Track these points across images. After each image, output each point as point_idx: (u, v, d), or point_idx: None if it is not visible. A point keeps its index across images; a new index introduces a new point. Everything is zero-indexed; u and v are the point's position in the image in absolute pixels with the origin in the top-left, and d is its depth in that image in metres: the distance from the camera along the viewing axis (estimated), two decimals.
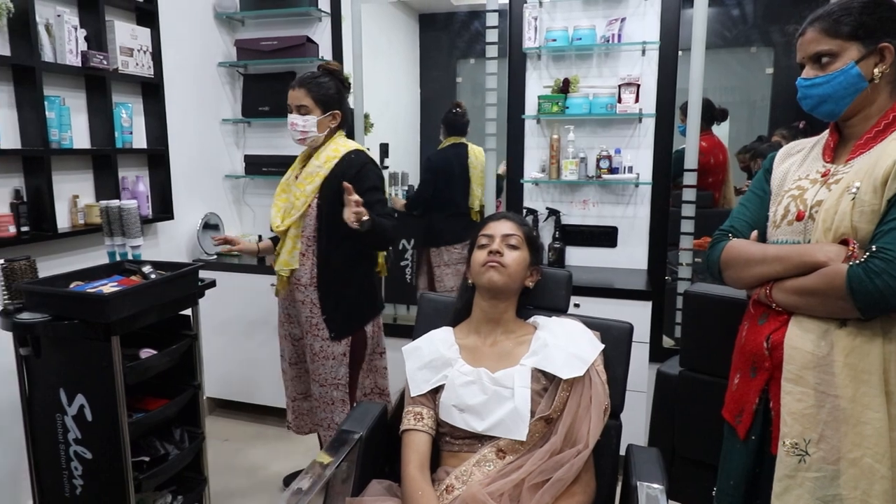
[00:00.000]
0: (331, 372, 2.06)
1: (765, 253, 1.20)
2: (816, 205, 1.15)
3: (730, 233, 1.32)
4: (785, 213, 1.21)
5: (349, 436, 1.44)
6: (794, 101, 1.25)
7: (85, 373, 1.73)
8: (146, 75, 2.58)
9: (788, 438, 1.14)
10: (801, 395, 1.12)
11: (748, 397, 1.24)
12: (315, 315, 2.04)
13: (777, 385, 1.16)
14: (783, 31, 3.20)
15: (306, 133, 2.01)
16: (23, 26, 2.07)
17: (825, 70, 1.16)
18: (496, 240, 1.49)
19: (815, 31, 1.17)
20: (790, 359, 1.14)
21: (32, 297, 1.72)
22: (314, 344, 2.06)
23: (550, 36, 2.67)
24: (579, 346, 1.42)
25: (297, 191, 2.01)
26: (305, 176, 2.01)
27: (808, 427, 1.12)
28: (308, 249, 2.03)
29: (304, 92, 2.00)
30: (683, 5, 2.59)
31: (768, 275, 1.19)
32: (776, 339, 1.17)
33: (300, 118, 2.00)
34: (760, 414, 1.22)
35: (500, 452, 1.35)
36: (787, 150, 1.33)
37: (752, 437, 1.24)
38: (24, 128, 2.15)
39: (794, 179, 1.24)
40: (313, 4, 2.97)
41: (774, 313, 1.20)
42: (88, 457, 1.77)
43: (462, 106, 3.22)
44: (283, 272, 2.05)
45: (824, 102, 1.17)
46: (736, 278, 1.28)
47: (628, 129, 2.72)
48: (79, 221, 2.36)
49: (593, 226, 2.82)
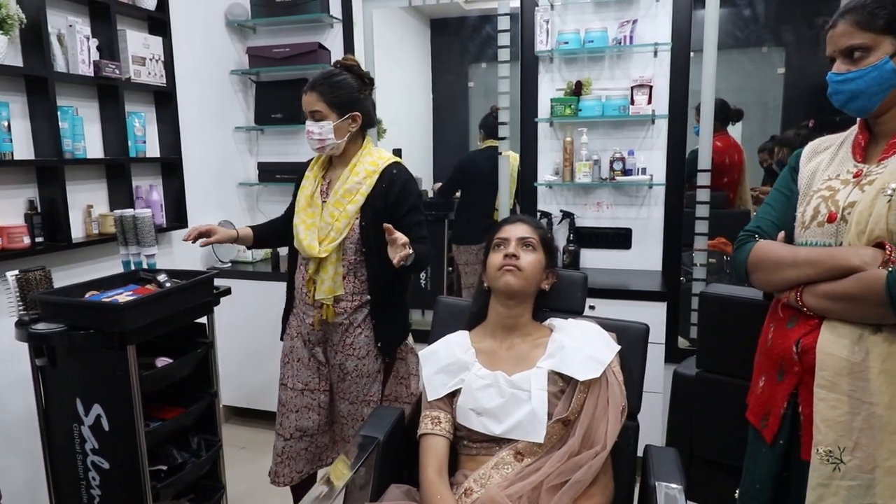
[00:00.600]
0: (363, 389, 1.89)
1: (795, 256, 1.17)
2: (849, 206, 1.12)
3: (756, 233, 1.29)
4: (815, 213, 1.18)
5: (367, 441, 1.43)
6: (805, 101, 1.23)
7: (101, 382, 1.73)
8: (159, 84, 2.60)
9: (822, 446, 1.11)
10: (834, 401, 1.09)
11: (775, 401, 1.21)
12: (354, 338, 1.87)
13: (807, 390, 1.14)
14: (811, 24, 3.17)
15: (324, 141, 1.81)
16: (35, 37, 2.09)
17: (858, 65, 1.12)
18: (512, 243, 1.48)
19: (848, 24, 1.13)
20: (823, 365, 1.10)
21: (48, 307, 1.72)
22: (346, 363, 1.89)
23: (562, 39, 2.66)
24: (595, 348, 1.41)
25: (334, 211, 1.82)
26: (344, 193, 1.82)
27: (842, 435, 1.09)
28: (349, 272, 1.85)
29: (316, 96, 1.80)
30: (695, 6, 2.58)
31: (799, 279, 1.16)
32: (807, 343, 1.14)
33: (315, 125, 1.80)
34: (789, 419, 1.19)
35: (519, 455, 1.34)
36: (813, 148, 1.29)
37: (779, 441, 1.21)
38: (37, 138, 2.17)
39: (824, 179, 1.21)
40: (325, 11, 2.98)
41: (804, 317, 1.17)
42: (106, 467, 1.77)
43: (499, 109, 3.21)
44: (327, 300, 1.84)
45: (856, 98, 1.14)
46: (765, 281, 1.24)
47: (641, 130, 2.70)
48: (93, 231, 2.37)
49: (607, 228, 2.80)
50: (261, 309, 2.87)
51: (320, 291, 1.84)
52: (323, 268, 1.84)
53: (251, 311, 2.88)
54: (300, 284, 1.92)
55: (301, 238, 1.84)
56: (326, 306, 1.85)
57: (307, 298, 1.89)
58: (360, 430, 1.49)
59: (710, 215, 2.65)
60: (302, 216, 1.87)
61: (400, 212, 1.81)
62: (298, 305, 1.94)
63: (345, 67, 1.88)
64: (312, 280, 1.86)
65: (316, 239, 1.83)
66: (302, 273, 1.91)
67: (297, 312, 1.95)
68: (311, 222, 1.85)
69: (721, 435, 1.56)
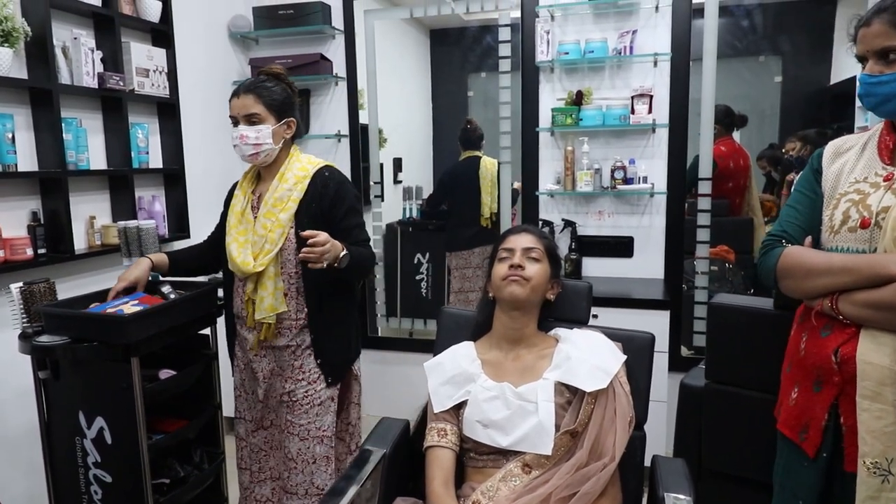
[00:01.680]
0: (314, 422, 1.78)
1: (830, 263, 1.14)
2: (883, 211, 1.09)
3: (783, 238, 1.25)
4: (845, 218, 1.15)
5: (373, 454, 1.43)
6: (802, 109, 1.22)
7: (104, 395, 1.72)
8: (162, 95, 2.61)
9: (869, 458, 1.08)
10: (879, 412, 1.07)
11: (814, 413, 1.17)
12: (303, 361, 1.78)
13: (848, 400, 1.10)
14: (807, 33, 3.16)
15: (259, 146, 1.70)
16: (40, 49, 2.09)
17: (893, 67, 1.09)
18: (517, 253, 1.48)
19: (883, 24, 1.09)
20: (865, 374, 1.07)
21: (52, 319, 1.71)
22: (296, 391, 1.78)
23: (563, 49, 2.68)
24: (602, 358, 1.41)
25: (266, 222, 1.72)
26: (275, 202, 1.72)
27: (889, 445, 1.06)
28: (291, 287, 1.75)
29: (254, 98, 1.70)
30: (694, 16, 2.60)
31: (835, 286, 1.12)
32: (846, 352, 1.10)
33: (251, 129, 1.70)
34: (831, 431, 1.15)
35: (526, 467, 1.33)
36: (835, 149, 1.26)
37: (822, 454, 1.17)
38: (41, 150, 2.17)
39: (851, 182, 1.18)
40: (327, 22, 2.99)
41: (840, 325, 1.13)
42: (108, 480, 1.75)
43: (473, 121, 3.26)
44: (269, 319, 1.73)
45: (890, 101, 1.11)
46: (795, 288, 1.21)
47: (642, 139, 2.71)
48: (95, 242, 2.37)
49: (609, 236, 2.80)
50: None
51: (260, 310, 1.73)
52: (261, 284, 1.72)
53: None
54: (239, 308, 1.82)
55: (234, 256, 1.74)
56: (266, 325, 1.74)
57: (247, 321, 1.79)
58: (363, 444, 1.48)
59: (712, 223, 2.66)
60: (233, 234, 1.77)
61: (336, 216, 1.74)
62: (240, 333, 1.85)
63: (274, 76, 1.78)
64: (251, 300, 1.75)
65: (250, 254, 1.72)
66: (240, 296, 1.81)
67: (240, 340, 1.86)
68: (243, 239, 1.74)
69: (732, 447, 1.55)
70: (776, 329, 1.37)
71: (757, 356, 1.40)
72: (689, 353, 2.76)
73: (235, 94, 1.74)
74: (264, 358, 1.82)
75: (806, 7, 3.32)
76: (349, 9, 3.03)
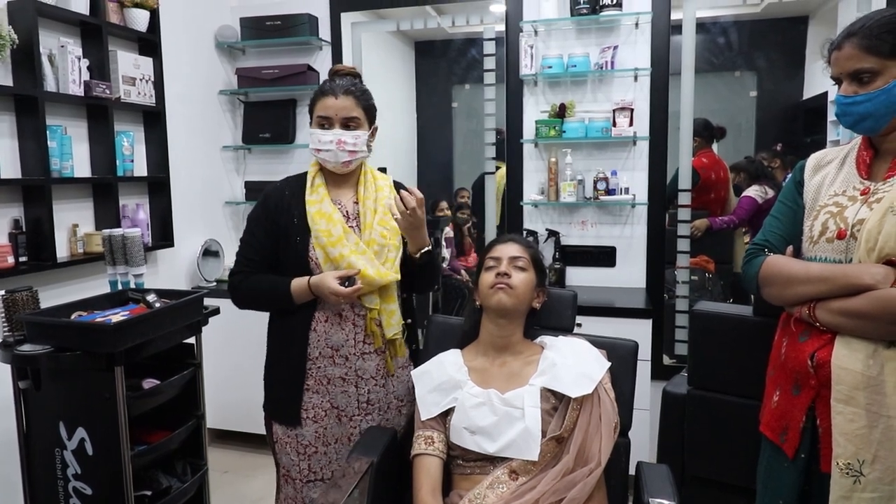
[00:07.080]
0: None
1: (808, 272, 1.19)
2: (858, 223, 1.14)
3: (765, 247, 1.30)
4: (823, 229, 1.19)
5: (361, 463, 1.43)
6: (776, 123, 1.26)
7: (86, 405, 1.70)
8: (148, 104, 2.60)
9: (842, 459, 1.12)
10: (852, 415, 1.11)
11: (793, 415, 1.21)
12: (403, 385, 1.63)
13: (824, 403, 1.15)
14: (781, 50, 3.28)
15: (355, 154, 1.53)
16: (27, 57, 2.08)
17: (866, 88, 1.14)
18: (503, 262, 1.50)
19: (854, 48, 1.15)
20: (839, 379, 1.12)
21: (34, 328, 1.69)
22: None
23: (546, 63, 2.72)
24: (587, 365, 1.43)
25: (382, 229, 1.56)
26: (386, 209, 1.57)
27: (861, 447, 1.10)
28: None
29: (354, 101, 1.53)
30: (672, 33, 2.67)
31: (812, 294, 1.17)
32: (822, 357, 1.15)
33: (349, 134, 1.52)
34: (808, 432, 1.19)
35: (513, 474, 1.34)
36: (816, 162, 1.31)
37: (801, 455, 1.21)
38: (24, 157, 2.15)
39: (830, 194, 1.23)
40: (314, 34, 3.01)
41: (817, 331, 1.18)
42: (88, 492, 1.72)
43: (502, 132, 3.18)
44: (398, 335, 1.59)
45: (865, 120, 1.16)
46: (776, 296, 1.26)
47: (623, 151, 2.77)
48: (78, 251, 2.35)
49: (592, 246, 2.84)
50: (244, 329, 2.84)
51: (390, 326, 1.56)
52: (388, 297, 1.56)
53: (233, 330, 2.85)
54: (349, 336, 1.55)
55: (365, 270, 1.50)
56: (399, 343, 1.60)
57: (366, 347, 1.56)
58: (351, 451, 1.48)
59: (692, 233, 2.72)
60: (349, 247, 1.51)
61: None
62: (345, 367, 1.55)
63: (357, 76, 1.62)
64: (375, 319, 1.56)
65: (378, 265, 1.54)
66: (352, 319, 1.56)
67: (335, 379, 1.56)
68: (353, 247, 1.52)
69: (715, 453, 1.57)
70: (756, 335, 1.40)
71: (738, 362, 1.43)
72: (671, 362, 2.80)
73: (331, 93, 1.53)
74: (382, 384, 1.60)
75: (779, 25, 3.43)
76: (336, 21, 3.05)
